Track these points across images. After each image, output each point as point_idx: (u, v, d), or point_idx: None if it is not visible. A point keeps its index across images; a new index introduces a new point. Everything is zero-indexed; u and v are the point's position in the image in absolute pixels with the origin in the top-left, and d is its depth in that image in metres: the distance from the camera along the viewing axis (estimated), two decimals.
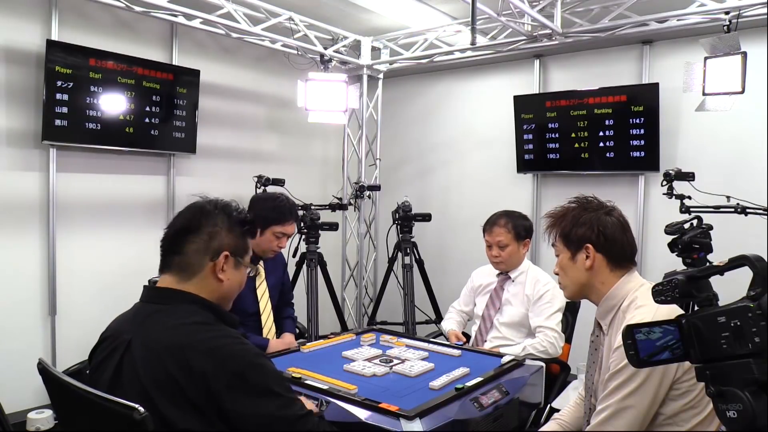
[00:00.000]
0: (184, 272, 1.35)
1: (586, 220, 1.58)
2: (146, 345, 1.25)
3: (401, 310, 4.18)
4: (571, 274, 1.62)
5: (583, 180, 4.42)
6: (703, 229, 2.85)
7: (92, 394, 1.18)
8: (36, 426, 3.12)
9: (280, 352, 2.26)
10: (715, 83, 3.13)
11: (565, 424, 1.81)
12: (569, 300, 2.33)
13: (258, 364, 1.25)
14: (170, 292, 1.35)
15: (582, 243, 1.58)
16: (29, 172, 3.39)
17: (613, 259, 1.57)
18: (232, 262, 1.39)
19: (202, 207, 1.40)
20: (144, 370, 1.22)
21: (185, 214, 1.41)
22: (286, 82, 4.56)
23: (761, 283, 0.94)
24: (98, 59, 3.46)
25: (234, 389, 1.20)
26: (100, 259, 3.67)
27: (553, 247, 1.68)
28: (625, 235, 1.59)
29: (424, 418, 1.60)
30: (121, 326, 1.37)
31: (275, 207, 2.59)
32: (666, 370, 1.40)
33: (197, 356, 1.20)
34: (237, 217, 1.42)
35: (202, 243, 1.36)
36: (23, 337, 3.36)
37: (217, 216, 1.39)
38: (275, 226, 2.55)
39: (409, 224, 4.13)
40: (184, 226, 1.38)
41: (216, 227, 1.38)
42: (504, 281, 2.81)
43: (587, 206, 1.62)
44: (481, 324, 2.81)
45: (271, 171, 3.94)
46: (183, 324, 1.27)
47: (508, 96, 4.58)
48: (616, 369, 1.44)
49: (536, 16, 3.39)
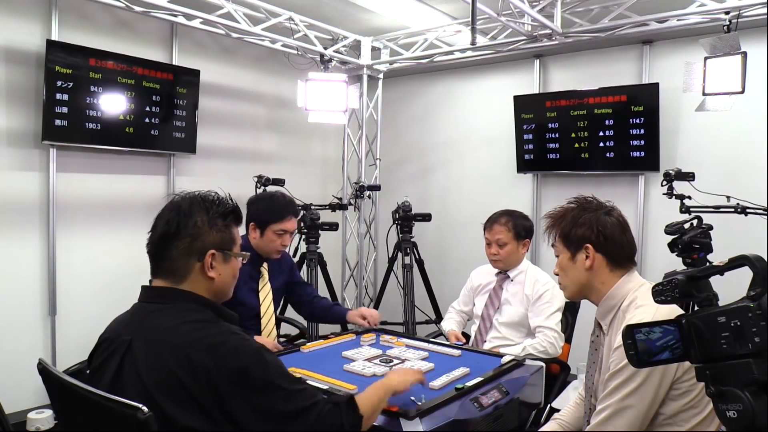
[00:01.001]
0: (174, 276, 1.34)
1: (586, 220, 1.58)
2: (147, 345, 1.25)
3: (401, 310, 4.18)
4: (571, 275, 1.62)
5: (583, 180, 4.42)
6: (703, 229, 2.85)
7: (95, 394, 1.18)
8: (36, 426, 3.11)
9: (280, 352, 2.25)
10: (715, 83, 3.13)
11: (565, 424, 1.81)
12: (569, 300, 2.33)
13: (260, 359, 1.25)
14: (168, 291, 1.34)
15: (581, 243, 1.58)
16: (29, 172, 3.39)
17: (613, 259, 1.57)
18: (220, 257, 1.37)
19: (179, 207, 1.35)
20: (146, 371, 1.22)
21: (164, 217, 1.35)
22: (286, 82, 4.56)
23: (761, 283, 0.94)
24: (98, 59, 3.46)
25: (236, 385, 1.20)
26: (99, 259, 3.67)
27: (553, 247, 1.68)
28: (624, 235, 1.59)
29: (424, 418, 1.60)
30: (119, 327, 1.36)
31: (271, 206, 2.57)
32: (666, 369, 1.40)
33: (199, 354, 1.20)
34: (217, 210, 1.37)
35: (185, 246, 1.33)
36: (23, 337, 3.36)
37: (196, 214, 1.34)
38: (274, 225, 2.52)
39: (409, 224, 4.13)
40: (164, 231, 1.33)
41: (196, 227, 1.33)
42: (503, 281, 2.81)
43: (587, 206, 1.62)
44: (481, 324, 2.80)
45: (271, 171, 3.94)
46: (183, 322, 1.27)
47: (508, 96, 4.58)
48: (616, 369, 1.44)
49: (536, 16, 3.39)
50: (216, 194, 1.42)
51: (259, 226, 2.53)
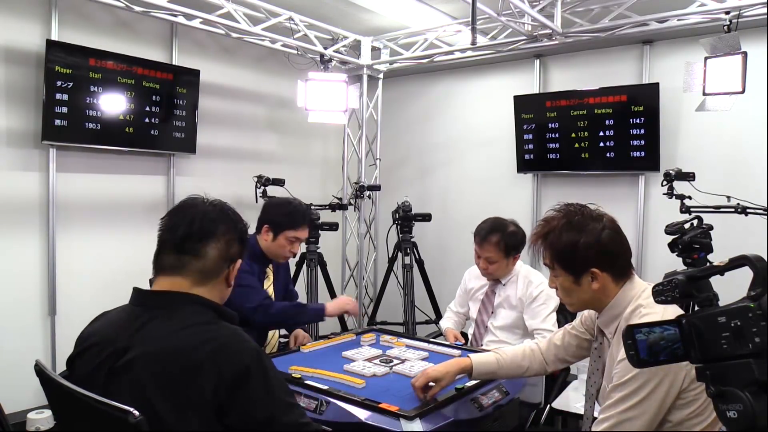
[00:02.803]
0: (203, 277, 1.34)
1: (585, 243, 1.50)
2: (147, 355, 1.21)
3: (401, 310, 4.18)
4: (576, 296, 1.57)
5: (583, 180, 4.42)
6: (703, 229, 2.85)
7: (88, 397, 1.16)
8: (36, 426, 3.11)
9: (280, 352, 2.25)
10: (715, 83, 3.13)
11: (502, 360, 1.81)
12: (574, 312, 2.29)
13: (260, 365, 1.23)
14: (170, 296, 1.31)
15: (586, 268, 1.51)
16: (29, 172, 3.39)
17: (617, 272, 1.54)
18: (235, 267, 1.42)
19: (218, 211, 1.40)
20: (148, 382, 1.18)
21: (203, 214, 1.37)
22: (286, 82, 4.56)
23: (761, 283, 0.93)
24: (98, 59, 3.46)
25: (236, 390, 1.18)
26: (100, 259, 3.67)
27: (547, 266, 1.60)
28: (623, 244, 1.55)
29: (424, 418, 1.60)
30: (111, 332, 1.30)
31: (290, 212, 2.59)
32: (673, 382, 1.38)
33: (200, 359, 1.18)
34: (240, 227, 1.43)
35: (222, 249, 1.36)
36: (23, 337, 3.36)
37: (231, 223, 1.40)
38: (289, 231, 2.54)
39: (409, 224, 4.13)
40: (207, 229, 1.35)
41: (230, 234, 1.38)
42: (495, 285, 2.78)
43: (574, 222, 1.53)
44: (476, 329, 2.79)
45: (271, 171, 3.94)
46: (184, 327, 1.25)
47: (508, 96, 4.58)
48: (620, 381, 1.41)
49: (536, 16, 3.39)
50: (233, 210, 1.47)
51: (274, 230, 2.54)
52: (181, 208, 1.41)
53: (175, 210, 1.41)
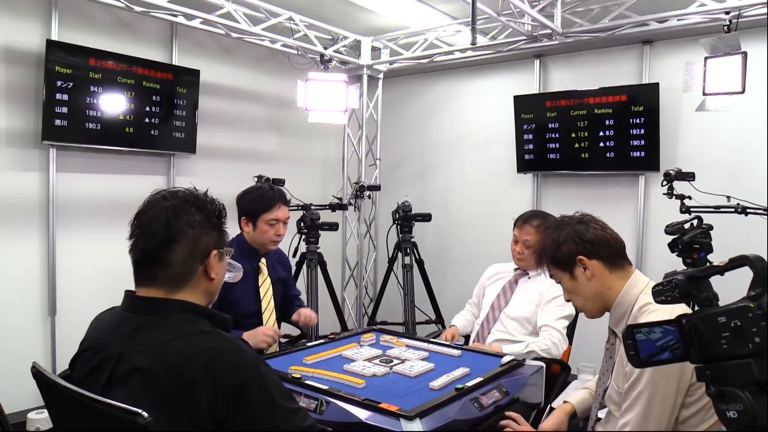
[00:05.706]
0: (174, 284, 1.26)
1: (565, 237, 1.62)
2: (140, 363, 1.17)
3: (401, 310, 4.18)
4: (580, 293, 1.64)
5: (583, 180, 4.42)
6: (703, 229, 2.85)
7: (92, 399, 1.13)
8: (36, 426, 3.11)
9: (280, 353, 2.25)
10: (715, 83, 3.13)
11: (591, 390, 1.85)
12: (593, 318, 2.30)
13: (258, 374, 1.18)
14: (159, 303, 1.26)
15: (573, 258, 1.60)
16: (29, 172, 3.39)
17: (608, 259, 1.59)
18: (218, 256, 1.33)
19: (173, 208, 1.27)
20: (138, 389, 1.15)
21: (156, 220, 1.26)
22: (286, 82, 4.56)
23: (761, 283, 0.93)
24: (98, 59, 3.46)
25: (234, 402, 1.14)
26: (100, 259, 3.66)
27: (552, 278, 1.70)
28: (605, 231, 1.62)
29: (424, 418, 1.60)
30: (104, 336, 1.27)
31: (258, 197, 2.57)
32: (683, 373, 1.41)
33: (195, 372, 1.13)
34: (210, 209, 1.33)
35: (187, 249, 1.26)
36: (23, 338, 3.36)
37: (192, 214, 1.28)
38: (265, 215, 2.52)
39: (409, 224, 4.13)
40: (162, 237, 1.24)
41: (195, 227, 1.27)
42: (520, 276, 2.80)
43: (559, 224, 1.67)
44: (490, 313, 2.77)
45: (271, 171, 3.93)
46: (178, 337, 1.20)
47: (508, 96, 4.58)
48: (633, 379, 1.47)
49: (536, 16, 3.39)
50: (201, 192, 1.37)
51: (251, 219, 2.54)
52: (137, 215, 1.32)
53: (135, 217, 1.33)
